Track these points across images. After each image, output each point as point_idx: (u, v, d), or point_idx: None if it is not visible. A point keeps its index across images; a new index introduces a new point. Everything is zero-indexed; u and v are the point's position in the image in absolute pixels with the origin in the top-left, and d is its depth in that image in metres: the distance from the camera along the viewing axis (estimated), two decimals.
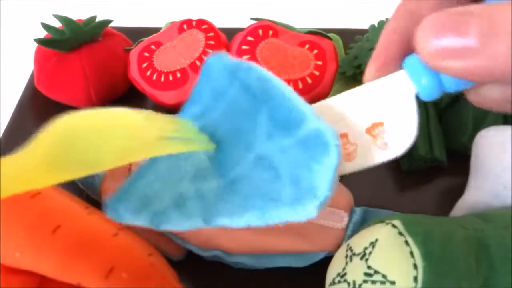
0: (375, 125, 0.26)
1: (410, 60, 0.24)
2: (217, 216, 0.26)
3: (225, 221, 0.26)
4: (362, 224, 0.37)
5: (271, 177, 0.25)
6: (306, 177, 0.24)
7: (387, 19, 0.49)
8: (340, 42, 0.54)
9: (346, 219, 0.37)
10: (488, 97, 0.23)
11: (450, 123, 0.46)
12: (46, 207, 0.33)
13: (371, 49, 0.48)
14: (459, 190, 0.41)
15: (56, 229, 0.32)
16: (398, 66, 0.25)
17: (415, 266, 0.29)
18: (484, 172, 0.39)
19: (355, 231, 0.36)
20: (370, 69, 0.26)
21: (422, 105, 0.45)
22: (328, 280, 0.33)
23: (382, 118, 0.25)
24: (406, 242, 0.29)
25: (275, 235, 0.37)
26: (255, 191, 0.26)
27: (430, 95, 0.24)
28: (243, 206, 0.26)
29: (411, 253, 0.29)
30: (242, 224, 0.25)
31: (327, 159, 0.23)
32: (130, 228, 0.37)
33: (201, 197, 0.27)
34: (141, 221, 0.28)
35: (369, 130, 0.26)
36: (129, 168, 0.40)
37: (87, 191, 0.40)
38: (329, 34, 0.50)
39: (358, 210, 0.38)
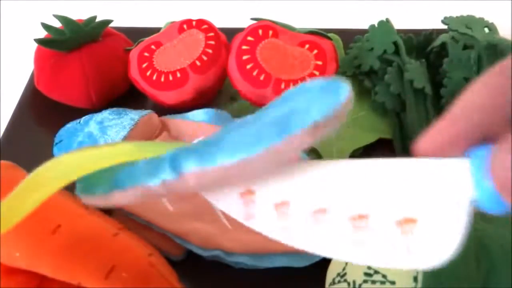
0: (406, 221, 0.19)
1: (482, 154, 0.18)
2: (187, 158, 0.22)
3: (193, 162, 0.21)
4: None
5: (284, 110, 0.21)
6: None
7: (387, 19, 0.49)
8: (340, 42, 0.54)
9: None
10: None
11: None
12: (46, 206, 0.33)
13: (371, 49, 0.48)
14: None
15: (56, 229, 0.32)
16: (462, 151, 0.19)
17: None
18: None
19: None
20: (425, 143, 0.20)
21: (422, 105, 0.46)
22: (328, 280, 0.33)
23: (417, 214, 0.19)
24: None
25: None
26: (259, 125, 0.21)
27: (491, 207, 0.18)
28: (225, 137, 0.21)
29: None
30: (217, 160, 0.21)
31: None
32: (131, 228, 0.37)
33: (179, 149, 0.23)
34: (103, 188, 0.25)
35: (398, 223, 0.19)
36: None
37: None
38: (329, 34, 0.50)
39: None
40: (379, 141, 0.46)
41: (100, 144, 0.39)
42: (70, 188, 0.41)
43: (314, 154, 0.45)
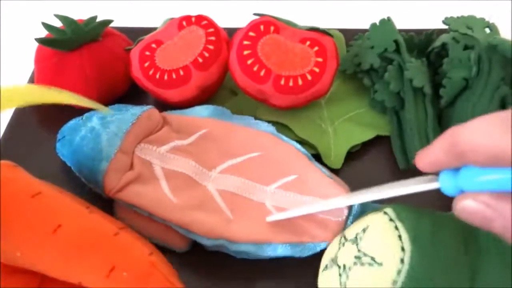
0: None
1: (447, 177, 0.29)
2: None
3: None
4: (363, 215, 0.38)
5: None
6: None
7: (388, 17, 0.49)
8: (343, 39, 0.54)
9: (345, 212, 0.38)
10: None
11: (449, 123, 0.46)
12: (47, 206, 0.33)
13: (372, 47, 0.48)
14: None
15: (57, 228, 0.32)
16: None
17: (402, 249, 0.29)
18: None
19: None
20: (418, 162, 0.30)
21: (421, 104, 0.45)
22: (322, 266, 0.34)
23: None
24: (396, 227, 0.30)
25: (277, 227, 0.38)
26: None
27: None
28: None
29: (399, 236, 0.30)
30: None
31: None
32: (133, 221, 0.37)
33: None
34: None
35: None
36: (131, 162, 0.40)
37: (89, 185, 0.41)
38: (332, 31, 0.50)
39: (357, 204, 0.38)
40: (377, 138, 0.46)
41: (102, 137, 0.40)
42: (72, 182, 0.42)
43: (313, 150, 0.45)
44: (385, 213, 0.32)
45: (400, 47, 0.47)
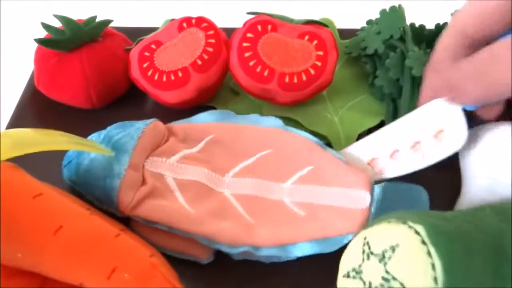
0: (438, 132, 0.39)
1: None
2: None
3: None
4: (385, 200, 0.37)
5: None
6: None
7: (399, 5, 0.49)
8: (334, 25, 0.54)
9: (368, 198, 0.36)
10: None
11: None
12: (48, 207, 0.33)
13: (379, 33, 0.48)
14: (445, 185, 0.42)
15: (58, 229, 0.32)
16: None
17: (435, 280, 0.28)
18: (469, 173, 0.40)
19: (380, 209, 0.36)
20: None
21: (418, 93, 0.45)
22: (342, 271, 0.32)
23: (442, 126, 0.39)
24: (429, 253, 0.28)
25: (299, 225, 0.37)
26: None
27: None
28: None
29: (433, 265, 0.28)
30: None
31: None
32: (149, 237, 0.37)
33: None
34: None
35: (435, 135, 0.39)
36: (142, 178, 0.39)
37: (103, 206, 0.39)
38: (323, 18, 0.51)
39: (377, 188, 0.37)
40: (382, 124, 0.46)
41: (111, 156, 0.39)
42: (71, 190, 0.42)
43: (324, 140, 0.45)
44: (417, 232, 0.29)
45: (406, 35, 0.47)
